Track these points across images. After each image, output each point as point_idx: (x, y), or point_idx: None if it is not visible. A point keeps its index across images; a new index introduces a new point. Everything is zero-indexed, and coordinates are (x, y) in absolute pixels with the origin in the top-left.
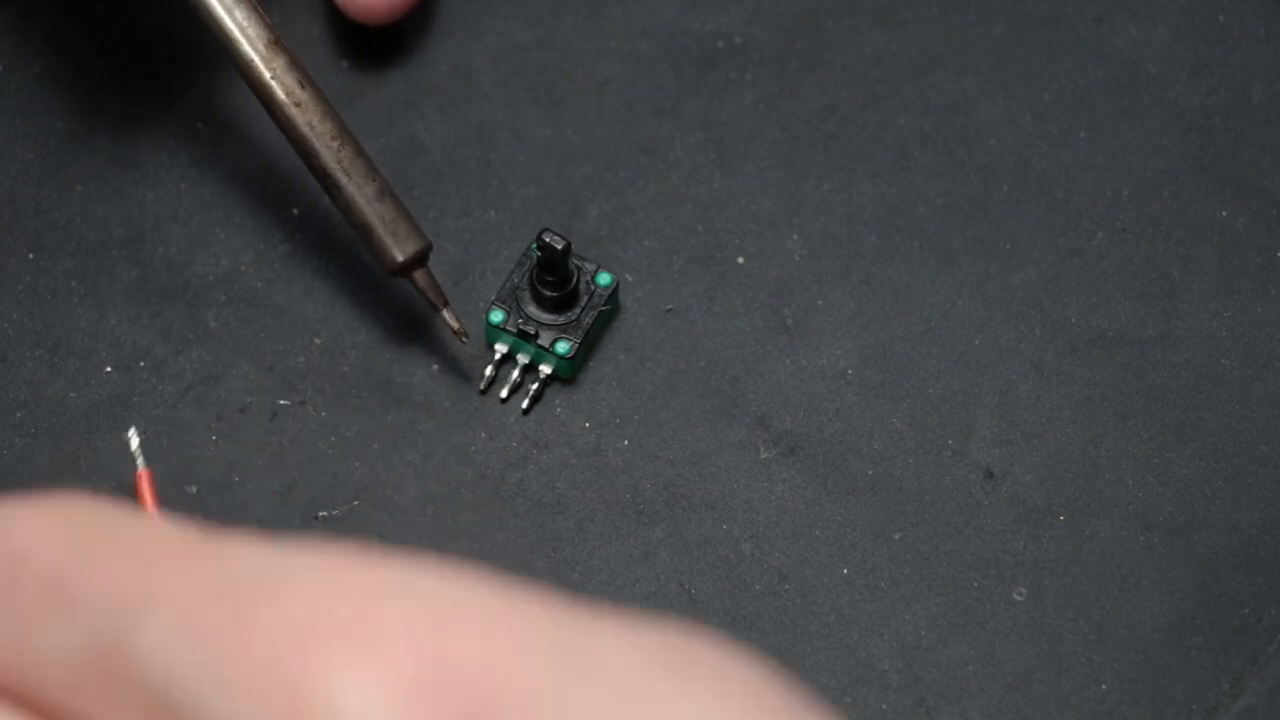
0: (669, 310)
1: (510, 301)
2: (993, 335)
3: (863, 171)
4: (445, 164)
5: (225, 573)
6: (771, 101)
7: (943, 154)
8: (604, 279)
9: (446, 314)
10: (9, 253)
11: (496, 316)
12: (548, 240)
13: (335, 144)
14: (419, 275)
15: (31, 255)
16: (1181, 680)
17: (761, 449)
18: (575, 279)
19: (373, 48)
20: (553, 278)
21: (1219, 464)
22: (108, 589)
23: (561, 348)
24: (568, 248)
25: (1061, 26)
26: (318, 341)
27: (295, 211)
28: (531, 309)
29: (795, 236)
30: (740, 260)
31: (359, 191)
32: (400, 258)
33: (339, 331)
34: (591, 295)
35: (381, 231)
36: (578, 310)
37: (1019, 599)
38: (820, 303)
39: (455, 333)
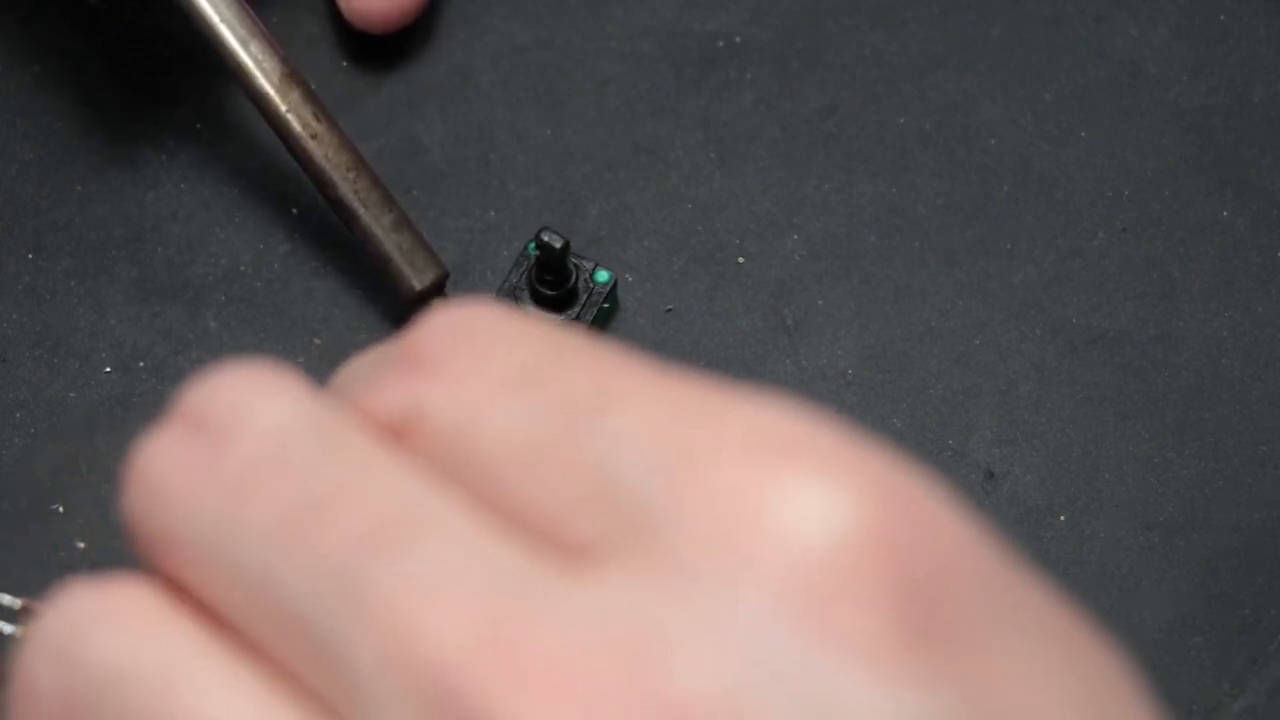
0: (669, 310)
1: (509, 301)
2: (993, 335)
3: (863, 171)
4: (445, 164)
5: (683, 392)
6: (771, 101)
7: (943, 154)
8: (602, 276)
9: None
10: (9, 253)
11: None
12: (546, 239)
13: (352, 175)
14: (437, 303)
15: (31, 255)
16: (1181, 680)
17: None
18: (574, 277)
19: (373, 48)
20: (551, 277)
21: (1219, 464)
22: (575, 384)
23: None
24: (566, 246)
25: (1061, 26)
26: (318, 342)
27: (295, 211)
28: (531, 309)
29: (795, 236)
30: (740, 260)
31: (376, 222)
32: (419, 287)
33: (339, 331)
34: (590, 293)
35: (399, 261)
36: (577, 309)
37: None
38: (820, 303)
39: None
